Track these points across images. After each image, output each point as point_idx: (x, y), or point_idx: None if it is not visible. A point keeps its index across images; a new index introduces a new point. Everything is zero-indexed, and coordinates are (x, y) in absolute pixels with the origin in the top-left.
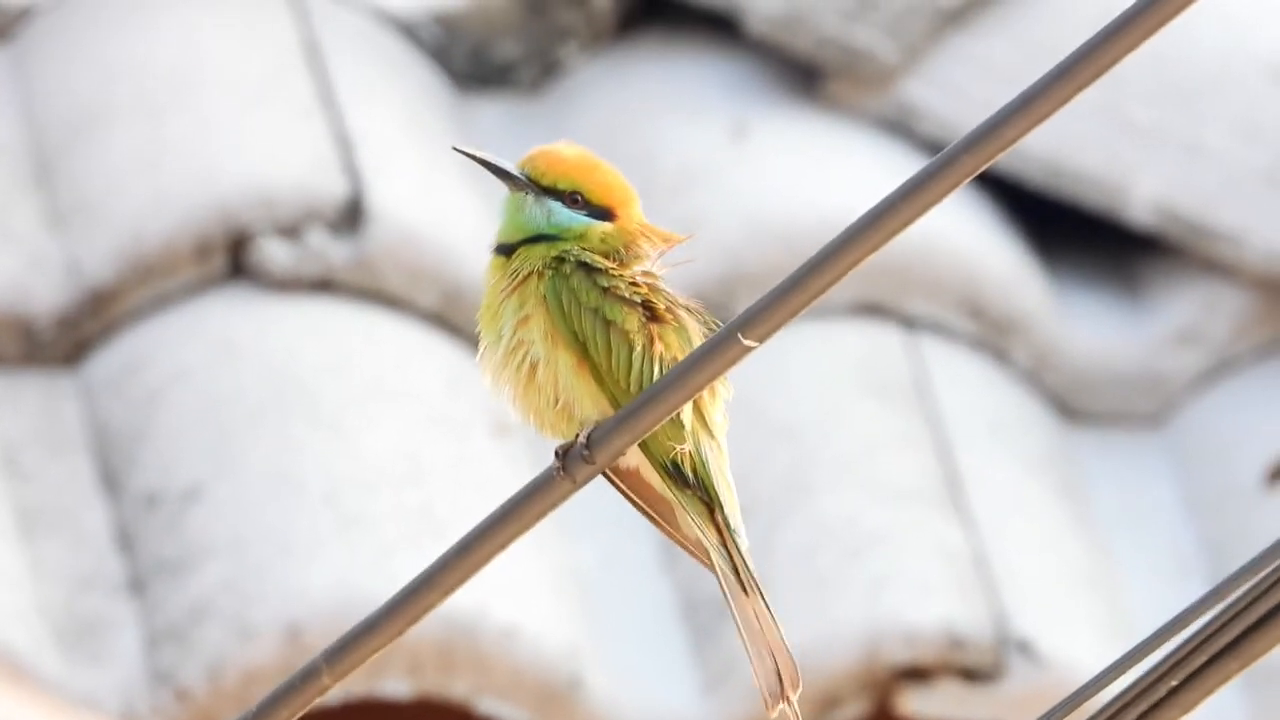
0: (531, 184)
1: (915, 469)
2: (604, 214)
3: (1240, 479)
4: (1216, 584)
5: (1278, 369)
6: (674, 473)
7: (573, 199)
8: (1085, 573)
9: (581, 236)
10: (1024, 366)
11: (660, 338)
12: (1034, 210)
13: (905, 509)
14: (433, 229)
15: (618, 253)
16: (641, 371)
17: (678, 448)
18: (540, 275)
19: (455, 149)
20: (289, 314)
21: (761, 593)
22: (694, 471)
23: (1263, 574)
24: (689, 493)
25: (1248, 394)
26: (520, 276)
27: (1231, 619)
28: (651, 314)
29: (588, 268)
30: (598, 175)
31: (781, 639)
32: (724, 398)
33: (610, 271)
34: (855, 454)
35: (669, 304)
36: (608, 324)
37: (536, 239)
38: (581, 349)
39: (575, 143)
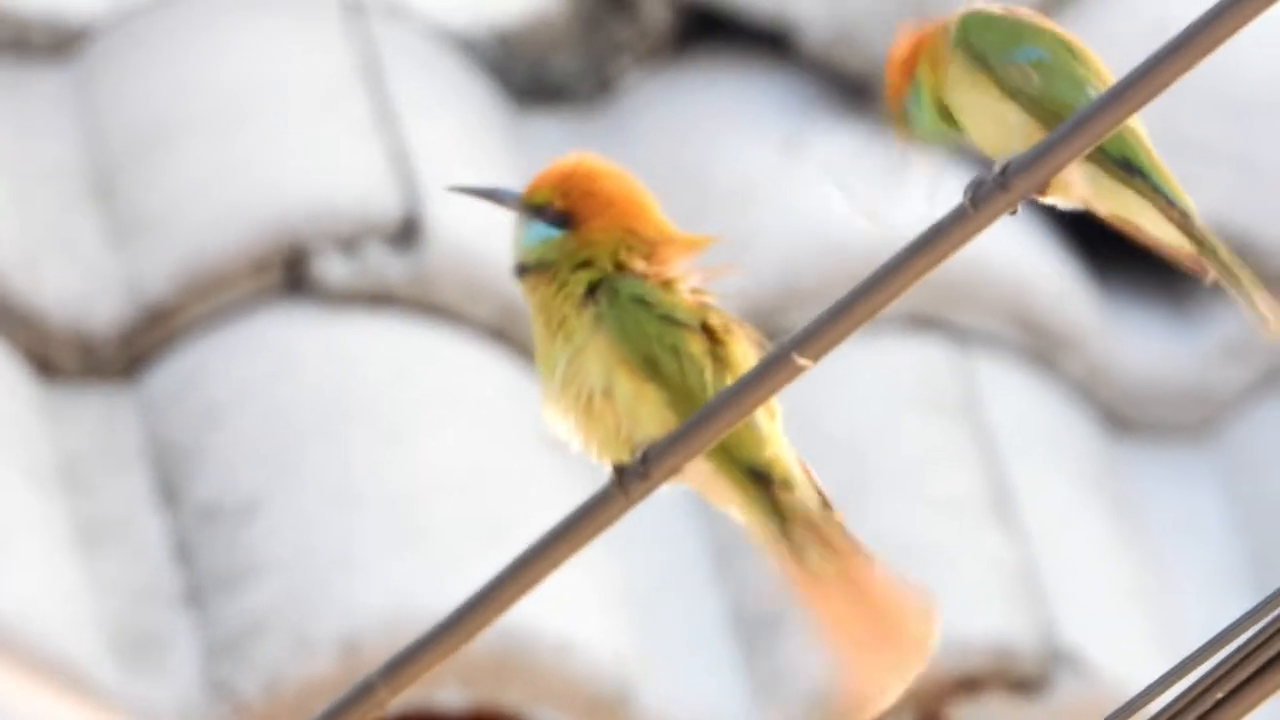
0: (520, 204)
1: (966, 482)
2: (566, 220)
3: None
4: (1265, 597)
5: None
6: (760, 477)
7: (543, 210)
8: (1134, 585)
9: (542, 260)
10: (1074, 379)
11: (725, 360)
12: (1084, 224)
13: (956, 521)
14: (489, 244)
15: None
16: (714, 391)
17: (762, 452)
18: (588, 307)
19: (450, 188)
20: (347, 328)
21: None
22: (783, 474)
23: None
24: (765, 497)
25: None
26: (564, 313)
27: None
28: (710, 334)
29: (641, 299)
30: (572, 180)
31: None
32: (779, 416)
33: (665, 300)
34: (907, 467)
35: (724, 322)
36: (675, 349)
37: (526, 268)
38: (648, 374)
39: (629, 159)
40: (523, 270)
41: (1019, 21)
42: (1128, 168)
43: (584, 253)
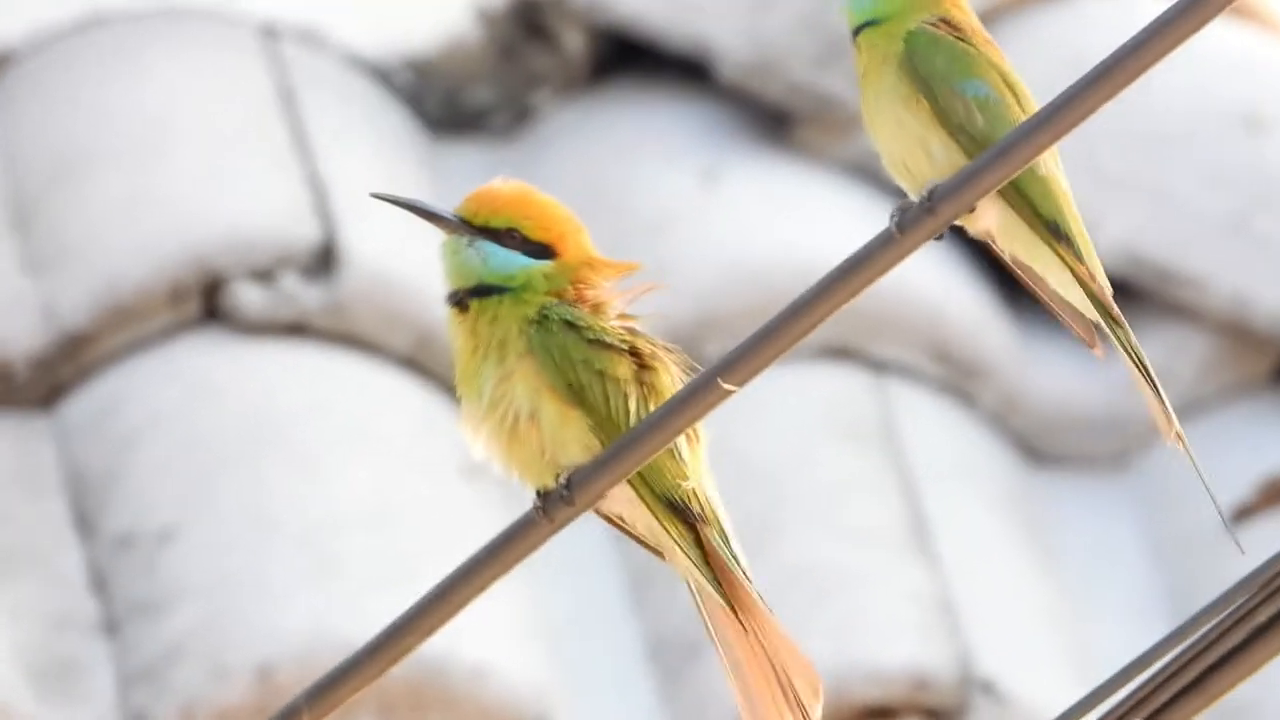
0: (465, 225)
1: (882, 511)
2: (543, 250)
3: (1204, 521)
4: (1180, 624)
5: (1241, 412)
6: (678, 508)
7: (509, 236)
8: (1050, 613)
9: (528, 285)
10: (990, 410)
11: (652, 385)
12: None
13: (872, 551)
14: (405, 273)
15: (567, 289)
16: (640, 416)
17: (681, 483)
18: (522, 334)
19: (374, 195)
20: (263, 357)
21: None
22: (701, 506)
23: (1225, 614)
24: (684, 529)
25: (1212, 437)
26: (496, 339)
27: (1194, 658)
28: (639, 360)
29: (571, 323)
30: (534, 209)
31: (797, 647)
32: (703, 442)
33: (595, 325)
34: (824, 496)
35: (651, 348)
36: (602, 375)
37: (487, 290)
38: (573, 400)
39: (546, 188)
40: (487, 291)
41: (966, 51)
42: (1055, 232)
43: (557, 280)
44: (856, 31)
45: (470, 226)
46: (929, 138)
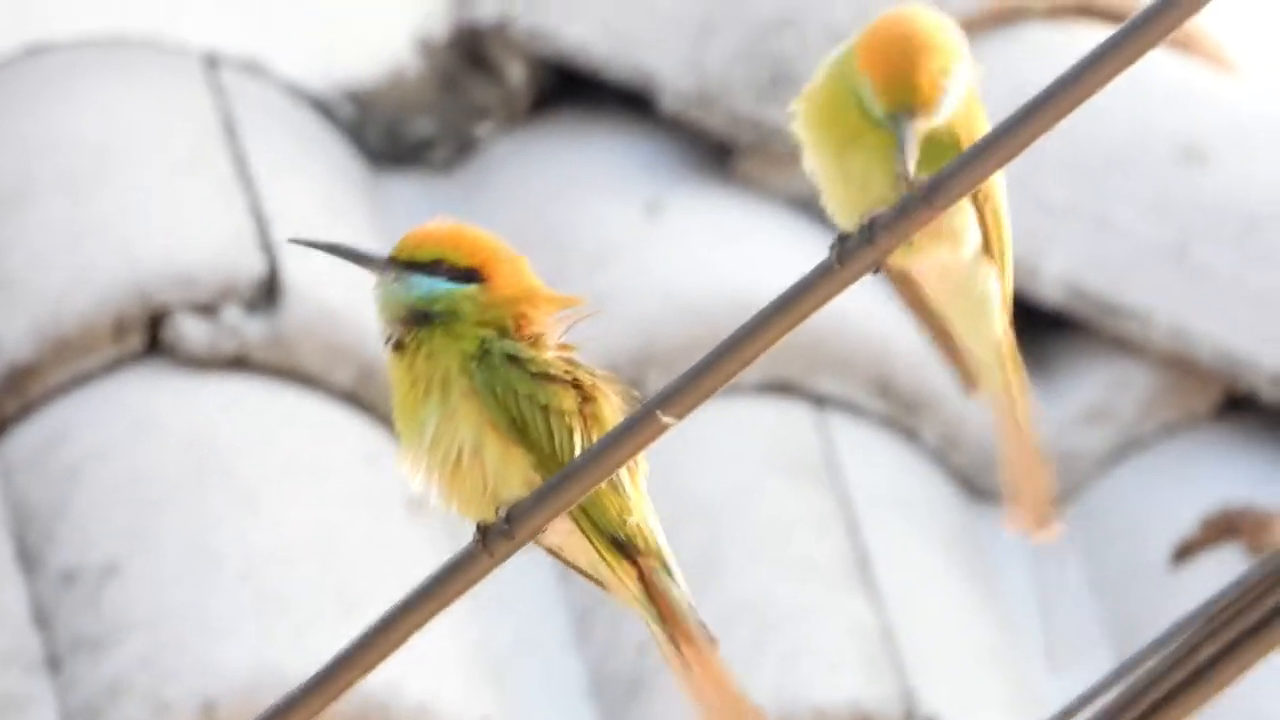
0: (390, 263)
1: (825, 547)
2: (470, 275)
3: (1148, 557)
4: (1123, 661)
5: (1184, 447)
6: (620, 543)
7: (435, 266)
8: (993, 650)
9: (454, 309)
10: (932, 445)
11: (595, 416)
12: None
13: (815, 586)
14: (349, 307)
15: (507, 322)
16: (584, 449)
17: (626, 517)
18: (463, 370)
19: (293, 240)
20: (206, 391)
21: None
22: (645, 540)
23: (1168, 651)
24: (626, 564)
25: (1155, 472)
26: (437, 375)
27: (1136, 696)
28: (582, 392)
29: (514, 357)
30: (460, 239)
31: (739, 689)
32: (643, 472)
33: (537, 358)
34: (766, 531)
35: (592, 379)
36: (544, 409)
37: (420, 319)
38: (517, 434)
39: (489, 220)
40: (423, 318)
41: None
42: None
43: (493, 310)
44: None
45: (397, 263)
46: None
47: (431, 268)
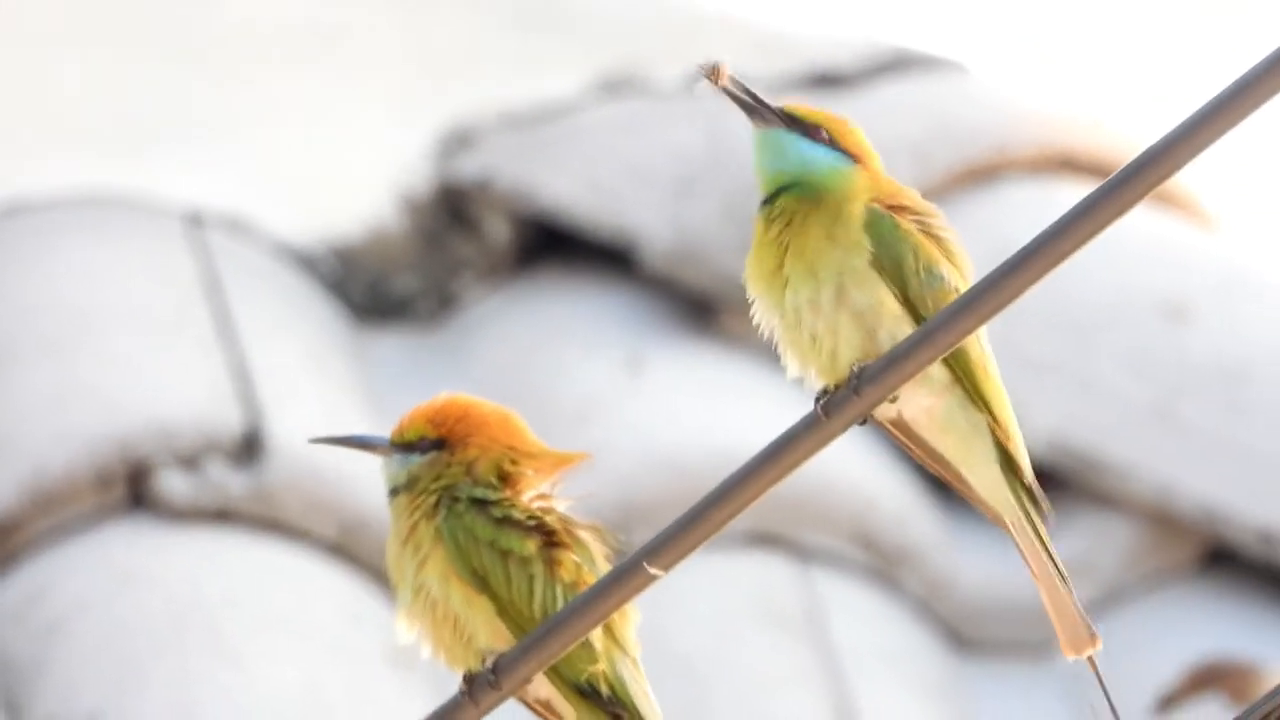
0: (390, 446)
1: (810, 700)
2: (439, 444)
3: (1130, 709)
4: None
5: (1166, 600)
6: (589, 694)
7: (421, 442)
8: None
9: (414, 475)
10: (916, 597)
11: (559, 562)
12: None
13: None
14: (331, 460)
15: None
16: (544, 598)
17: (591, 668)
18: (433, 516)
19: (313, 440)
20: (189, 545)
21: None
22: (612, 690)
23: None
24: (604, 715)
25: (1137, 624)
26: (415, 521)
27: None
28: (549, 538)
29: (480, 501)
30: (450, 411)
31: None
32: (635, 621)
33: (504, 501)
34: (750, 686)
35: (566, 526)
36: (505, 555)
37: (407, 487)
38: (480, 583)
39: (472, 375)
40: (393, 494)
41: (920, 244)
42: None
43: (453, 469)
44: (774, 195)
45: (396, 445)
46: (900, 323)
47: (413, 446)
